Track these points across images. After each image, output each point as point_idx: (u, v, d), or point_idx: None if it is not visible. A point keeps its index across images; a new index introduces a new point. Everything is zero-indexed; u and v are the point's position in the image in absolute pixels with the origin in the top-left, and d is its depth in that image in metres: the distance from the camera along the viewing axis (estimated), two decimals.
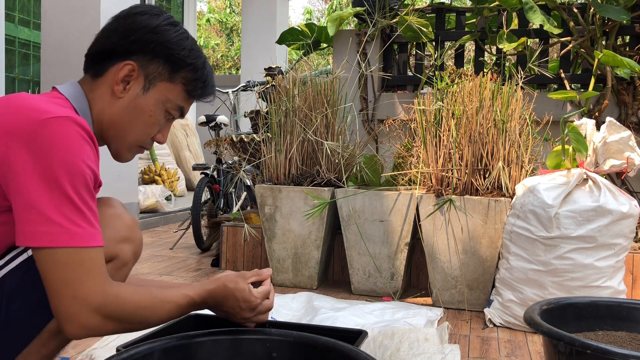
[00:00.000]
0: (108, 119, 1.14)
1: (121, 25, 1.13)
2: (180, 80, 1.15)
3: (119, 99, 1.13)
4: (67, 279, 0.93)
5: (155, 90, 1.14)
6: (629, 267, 2.28)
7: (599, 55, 2.65)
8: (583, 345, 1.23)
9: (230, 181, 3.64)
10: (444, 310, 2.28)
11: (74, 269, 0.94)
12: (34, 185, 0.92)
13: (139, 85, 1.13)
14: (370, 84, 3.35)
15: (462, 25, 3.33)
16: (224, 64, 14.07)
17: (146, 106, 1.14)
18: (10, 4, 5.64)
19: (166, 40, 1.12)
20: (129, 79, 1.12)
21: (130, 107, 1.13)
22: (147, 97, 1.13)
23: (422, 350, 1.68)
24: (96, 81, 1.14)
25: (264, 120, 2.89)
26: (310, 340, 1.24)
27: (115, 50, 1.12)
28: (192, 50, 1.16)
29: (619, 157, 1.97)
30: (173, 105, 1.17)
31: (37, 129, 0.94)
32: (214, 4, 15.14)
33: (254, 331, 1.27)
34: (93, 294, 0.95)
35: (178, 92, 1.16)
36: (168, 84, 1.14)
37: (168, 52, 1.13)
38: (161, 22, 1.13)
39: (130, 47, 1.11)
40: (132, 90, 1.13)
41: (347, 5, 11.89)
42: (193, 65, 1.15)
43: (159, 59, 1.13)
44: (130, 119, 1.14)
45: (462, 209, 2.24)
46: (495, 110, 2.29)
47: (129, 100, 1.13)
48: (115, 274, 1.17)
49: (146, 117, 1.15)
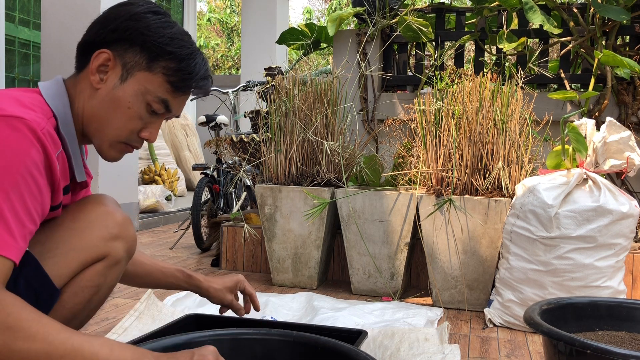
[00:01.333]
0: (88, 112, 1.08)
1: (103, 16, 1.09)
2: (161, 70, 1.08)
3: (97, 91, 1.07)
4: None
5: (133, 80, 1.07)
6: (629, 267, 2.28)
7: (599, 55, 2.65)
8: (583, 345, 1.23)
9: (230, 181, 3.64)
10: (444, 310, 2.28)
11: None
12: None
13: (116, 75, 1.06)
14: (370, 84, 3.35)
15: (462, 25, 3.33)
16: (224, 64, 14.07)
17: (124, 97, 1.06)
18: (10, 4, 5.64)
19: (143, 27, 1.06)
20: (106, 69, 1.06)
21: (107, 98, 1.07)
22: (125, 88, 1.07)
23: (422, 350, 1.68)
24: (78, 76, 1.10)
25: (264, 120, 2.89)
26: (310, 340, 1.24)
27: (95, 41, 1.07)
28: (174, 39, 1.08)
29: (619, 157, 1.97)
30: (154, 97, 1.08)
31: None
32: (214, 4, 15.14)
33: (254, 331, 1.28)
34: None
35: (159, 83, 1.08)
36: (147, 73, 1.07)
37: (144, 38, 1.06)
38: (142, 10, 1.08)
39: (108, 36, 1.06)
40: (109, 80, 1.07)
41: (347, 5, 11.89)
42: (174, 55, 1.08)
43: (136, 46, 1.06)
44: (108, 111, 1.07)
45: (462, 209, 2.24)
46: (495, 110, 2.29)
47: (106, 92, 1.07)
48: (108, 272, 1.14)
49: (124, 109, 1.07)
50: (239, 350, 1.24)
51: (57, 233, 1.08)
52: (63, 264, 1.06)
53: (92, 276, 1.10)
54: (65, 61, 3.89)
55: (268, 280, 2.68)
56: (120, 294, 2.34)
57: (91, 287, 1.10)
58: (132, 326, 1.85)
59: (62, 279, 1.07)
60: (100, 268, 1.11)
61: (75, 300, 1.09)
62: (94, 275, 1.10)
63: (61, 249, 1.06)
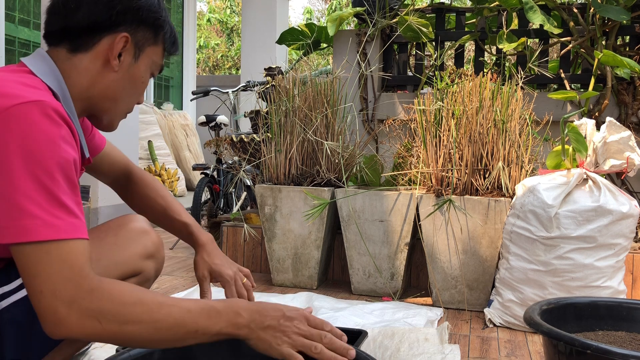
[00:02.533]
0: (100, 92, 1.09)
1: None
2: (161, 40, 1.15)
3: (113, 72, 1.09)
4: (37, 274, 0.85)
5: (144, 55, 1.12)
6: (629, 267, 2.28)
7: (599, 55, 2.65)
8: (583, 345, 1.23)
9: (230, 181, 3.64)
10: (444, 310, 2.28)
11: (48, 263, 0.85)
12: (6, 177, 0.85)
13: (130, 55, 1.10)
14: (370, 84, 3.35)
15: (462, 25, 3.33)
16: (224, 64, 14.07)
17: (138, 74, 1.12)
18: (10, 4, 5.64)
19: (149, 5, 1.10)
20: (123, 50, 1.08)
21: (125, 77, 1.10)
22: (139, 65, 1.12)
23: (422, 350, 1.68)
24: (76, 55, 1.07)
25: (264, 120, 2.88)
26: None
27: (101, 23, 1.06)
28: (166, 10, 1.16)
29: (619, 157, 1.97)
30: (156, 65, 1.17)
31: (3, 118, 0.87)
32: (214, 4, 15.14)
33: None
34: (63, 287, 0.85)
35: (160, 52, 1.16)
36: (154, 47, 1.14)
37: (153, 17, 1.11)
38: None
39: (117, 18, 1.06)
40: (125, 61, 1.09)
41: (347, 5, 11.89)
42: (169, 24, 1.16)
43: (145, 24, 1.10)
44: (125, 89, 1.12)
45: (461, 209, 2.24)
46: (495, 110, 2.29)
47: (123, 72, 1.10)
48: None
49: (139, 84, 1.14)
50: (239, 350, 1.24)
51: (101, 247, 1.14)
52: (105, 275, 1.05)
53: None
54: None
55: (268, 280, 2.69)
56: None
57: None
58: None
59: None
60: (134, 282, 1.16)
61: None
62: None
63: (103, 262, 1.12)
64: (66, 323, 0.85)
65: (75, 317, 0.86)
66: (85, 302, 0.86)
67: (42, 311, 0.86)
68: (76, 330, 0.86)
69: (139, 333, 0.89)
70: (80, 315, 0.86)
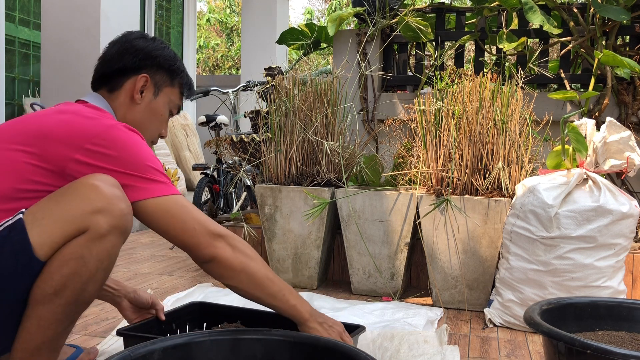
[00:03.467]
0: (130, 121, 1.43)
1: (128, 48, 1.45)
2: (177, 84, 1.52)
3: (137, 105, 1.45)
4: (185, 217, 1.26)
5: (162, 94, 1.49)
6: (629, 267, 2.28)
7: (599, 55, 2.65)
8: (583, 345, 1.23)
9: (230, 181, 3.64)
10: (444, 310, 2.28)
11: (190, 208, 1.28)
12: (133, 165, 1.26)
13: (150, 92, 1.46)
14: (370, 84, 3.35)
15: (462, 25, 3.33)
16: (224, 64, 14.07)
17: (158, 108, 1.49)
18: (10, 4, 5.64)
19: (165, 55, 1.48)
20: (144, 88, 1.45)
21: (147, 110, 1.46)
22: (158, 101, 1.48)
23: (421, 351, 1.68)
24: (113, 94, 1.44)
25: (264, 120, 2.89)
26: (310, 340, 1.24)
27: (128, 68, 1.44)
28: (181, 62, 1.53)
29: (619, 157, 1.97)
30: (174, 104, 1.53)
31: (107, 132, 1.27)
32: (214, 4, 15.14)
33: (254, 331, 1.28)
34: (206, 223, 1.28)
35: (177, 93, 1.52)
36: (170, 88, 1.50)
37: (168, 64, 1.48)
38: (158, 44, 1.49)
39: (140, 64, 1.44)
40: (146, 96, 1.46)
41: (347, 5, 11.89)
42: (183, 72, 1.53)
43: (163, 70, 1.48)
44: (148, 120, 1.47)
45: (461, 209, 2.24)
46: (495, 110, 2.29)
47: (145, 105, 1.46)
48: (92, 245, 1.17)
49: (159, 116, 1.49)
50: (239, 351, 1.24)
51: (47, 204, 1.18)
52: (46, 234, 1.14)
53: (74, 248, 1.16)
54: (65, 61, 3.89)
55: None
56: None
57: (75, 259, 1.16)
58: None
59: (45, 249, 1.15)
60: (81, 241, 1.16)
61: (62, 272, 1.16)
62: (75, 248, 1.16)
63: (47, 220, 1.15)
64: (217, 244, 1.28)
65: (219, 242, 1.28)
66: (224, 233, 1.30)
67: (199, 240, 1.27)
68: (221, 252, 1.28)
69: (255, 270, 1.32)
70: (222, 242, 1.29)
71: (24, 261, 1.14)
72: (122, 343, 1.71)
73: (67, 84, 3.99)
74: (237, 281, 1.31)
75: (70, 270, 1.16)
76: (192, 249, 1.28)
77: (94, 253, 1.17)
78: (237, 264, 1.29)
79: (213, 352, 1.22)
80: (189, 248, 1.28)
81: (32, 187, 1.20)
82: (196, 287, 2.42)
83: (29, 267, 1.14)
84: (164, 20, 7.33)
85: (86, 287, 1.19)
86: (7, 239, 1.14)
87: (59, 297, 1.16)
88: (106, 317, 2.02)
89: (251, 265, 1.31)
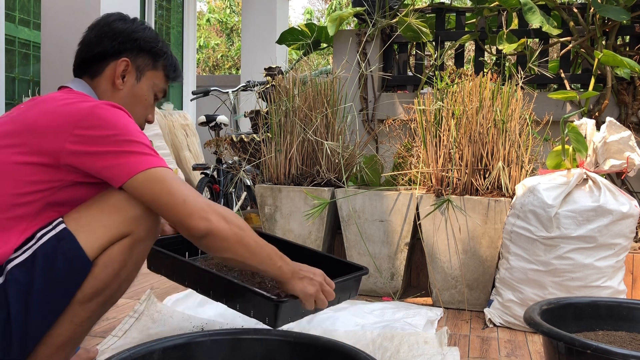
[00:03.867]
0: None
1: (106, 32, 1.39)
2: (161, 66, 1.46)
3: (119, 90, 1.39)
4: (172, 191, 1.20)
5: (145, 78, 1.43)
6: (629, 267, 2.28)
7: (599, 55, 2.65)
8: (583, 345, 1.23)
9: (230, 181, 3.64)
10: (444, 310, 2.28)
11: (178, 181, 1.21)
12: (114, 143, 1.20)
13: (132, 76, 1.41)
14: (370, 84, 3.35)
15: (462, 25, 3.33)
16: (224, 64, 14.07)
17: (141, 92, 1.43)
18: (10, 4, 5.64)
19: (146, 37, 1.42)
20: (125, 72, 1.39)
21: (129, 95, 1.41)
22: (141, 85, 1.43)
23: (421, 352, 1.68)
24: (95, 80, 1.39)
25: (264, 120, 2.88)
26: (310, 340, 1.24)
27: (108, 52, 1.38)
28: (163, 43, 1.47)
29: (619, 157, 1.97)
30: (159, 88, 1.47)
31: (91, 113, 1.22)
32: (214, 4, 15.13)
33: (254, 331, 1.28)
34: (196, 195, 1.22)
35: (161, 77, 1.47)
36: (153, 71, 1.45)
37: (150, 46, 1.42)
38: (138, 25, 1.43)
39: (120, 47, 1.38)
40: (128, 81, 1.40)
41: (347, 5, 11.89)
42: (166, 54, 1.46)
43: (144, 52, 1.42)
44: (131, 105, 1.40)
45: (461, 209, 2.24)
46: (495, 110, 2.28)
47: (127, 90, 1.40)
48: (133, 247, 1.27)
49: (142, 101, 1.44)
50: (239, 351, 1.24)
51: (89, 211, 1.24)
52: (93, 238, 1.20)
53: (119, 250, 1.23)
54: (65, 61, 3.88)
55: None
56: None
57: (119, 260, 1.24)
58: (132, 328, 1.85)
59: (93, 252, 1.21)
60: (125, 244, 1.24)
61: (106, 272, 1.22)
62: (119, 250, 1.23)
63: (92, 225, 1.21)
64: (210, 217, 1.20)
65: (213, 214, 1.21)
66: (214, 207, 1.23)
67: (190, 212, 1.19)
68: (215, 225, 1.21)
69: (248, 239, 1.26)
70: (215, 214, 1.21)
71: (78, 266, 1.19)
72: (122, 343, 1.71)
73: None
74: (233, 253, 1.25)
75: (113, 272, 1.23)
76: (185, 221, 1.20)
77: (133, 255, 1.26)
78: (232, 235, 1.23)
79: (213, 352, 1.22)
80: (181, 221, 1.21)
81: (30, 189, 1.20)
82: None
83: (83, 271, 1.21)
84: (164, 20, 7.33)
85: (121, 286, 1.29)
86: (58, 249, 1.17)
87: (98, 297, 1.23)
88: (106, 317, 2.02)
89: (245, 235, 1.26)
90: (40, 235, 1.18)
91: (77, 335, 1.25)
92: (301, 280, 1.34)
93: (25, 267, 1.15)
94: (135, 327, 1.86)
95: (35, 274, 1.15)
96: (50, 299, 1.17)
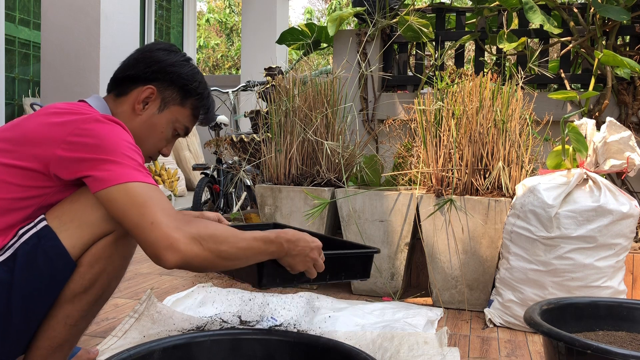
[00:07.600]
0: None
1: (146, 57, 1.40)
2: (189, 105, 1.43)
3: (138, 116, 1.38)
4: (144, 210, 1.09)
5: (168, 111, 1.41)
6: (629, 267, 2.28)
7: (599, 55, 2.65)
8: (583, 345, 1.23)
9: (230, 181, 3.64)
10: (444, 310, 2.28)
11: (154, 197, 1.11)
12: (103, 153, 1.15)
13: (155, 106, 1.39)
14: (370, 84, 3.35)
15: (462, 25, 3.33)
16: (224, 64, 14.07)
17: (159, 124, 1.41)
18: (10, 4, 5.64)
19: (182, 73, 1.41)
20: (149, 100, 1.38)
21: (146, 122, 1.39)
22: (161, 117, 1.40)
23: (422, 352, 1.68)
24: (119, 99, 1.39)
25: (264, 120, 2.88)
26: (310, 340, 1.24)
27: (139, 77, 1.38)
28: (201, 83, 1.44)
29: (619, 157, 1.97)
30: (181, 125, 1.44)
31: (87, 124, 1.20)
32: (214, 4, 15.13)
33: (254, 331, 1.28)
34: (168, 218, 1.09)
35: (186, 115, 1.44)
36: (179, 107, 1.42)
37: (183, 82, 1.41)
38: (179, 59, 1.42)
39: (152, 75, 1.38)
40: (149, 109, 1.39)
41: (347, 5, 11.88)
42: (201, 95, 1.44)
43: (175, 86, 1.40)
44: (145, 133, 1.39)
45: (462, 209, 2.24)
46: (495, 110, 2.28)
47: (146, 118, 1.39)
48: (118, 244, 1.24)
49: (158, 132, 1.41)
50: (239, 351, 1.24)
51: (71, 208, 1.21)
52: (76, 236, 1.18)
53: (103, 247, 1.21)
54: (65, 61, 3.89)
55: None
56: (121, 294, 2.34)
57: (104, 257, 1.22)
58: (132, 328, 1.85)
59: (76, 250, 1.19)
60: (109, 240, 1.22)
61: (93, 271, 1.21)
62: (104, 247, 1.21)
63: (75, 222, 1.19)
64: (178, 245, 1.07)
65: (183, 240, 1.08)
66: (187, 228, 1.10)
67: (155, 239, 1.07)
68: (184, 252, 1.08)
69: (228, 249, 1.15)
70: (186, 238, 1.08)
71: (60, 266, 1.17)
72: (122, 343, 1.71)
73: (67, 84, 3.99)
74: (217, 267, 1.17)
75: (100, 269, 1.21)
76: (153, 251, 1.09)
77: (119, 252, 1.24)
78: (209, 254, 1.12)
79: (213, 352, 1.22)
80: (148, 248, 1.10)
81: (25, 194, 1.18)
82: (196, 287, 2.41)
83: (66, 270, 1.19)
84: (164, 20, 7.33)
85: (111, 283, 1.27)
86: (39, 247, 1.15)
87: (87, 295, 1.21)
88: (106, 317, 2.02)
89: (224, 248, 1.14)
90: (21, 232, 1.17)
91: (72, 336, 1.24)
92: (293, 257, 1.30)
93: (7, 267, 1.14)
94: (135, 327, 1.85)
95: (16, 272, 1.14)
96: (33, 298, 1.16)
